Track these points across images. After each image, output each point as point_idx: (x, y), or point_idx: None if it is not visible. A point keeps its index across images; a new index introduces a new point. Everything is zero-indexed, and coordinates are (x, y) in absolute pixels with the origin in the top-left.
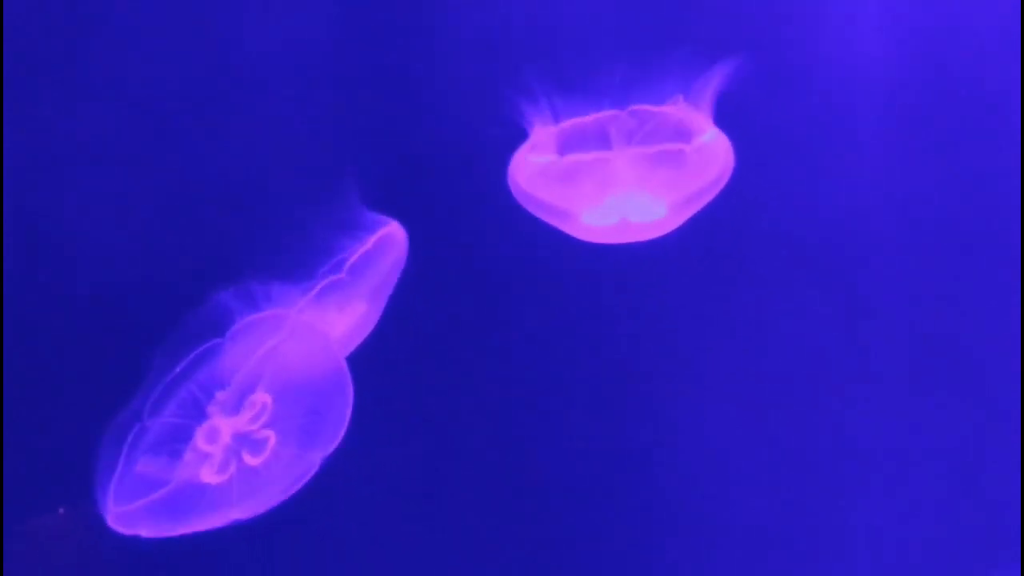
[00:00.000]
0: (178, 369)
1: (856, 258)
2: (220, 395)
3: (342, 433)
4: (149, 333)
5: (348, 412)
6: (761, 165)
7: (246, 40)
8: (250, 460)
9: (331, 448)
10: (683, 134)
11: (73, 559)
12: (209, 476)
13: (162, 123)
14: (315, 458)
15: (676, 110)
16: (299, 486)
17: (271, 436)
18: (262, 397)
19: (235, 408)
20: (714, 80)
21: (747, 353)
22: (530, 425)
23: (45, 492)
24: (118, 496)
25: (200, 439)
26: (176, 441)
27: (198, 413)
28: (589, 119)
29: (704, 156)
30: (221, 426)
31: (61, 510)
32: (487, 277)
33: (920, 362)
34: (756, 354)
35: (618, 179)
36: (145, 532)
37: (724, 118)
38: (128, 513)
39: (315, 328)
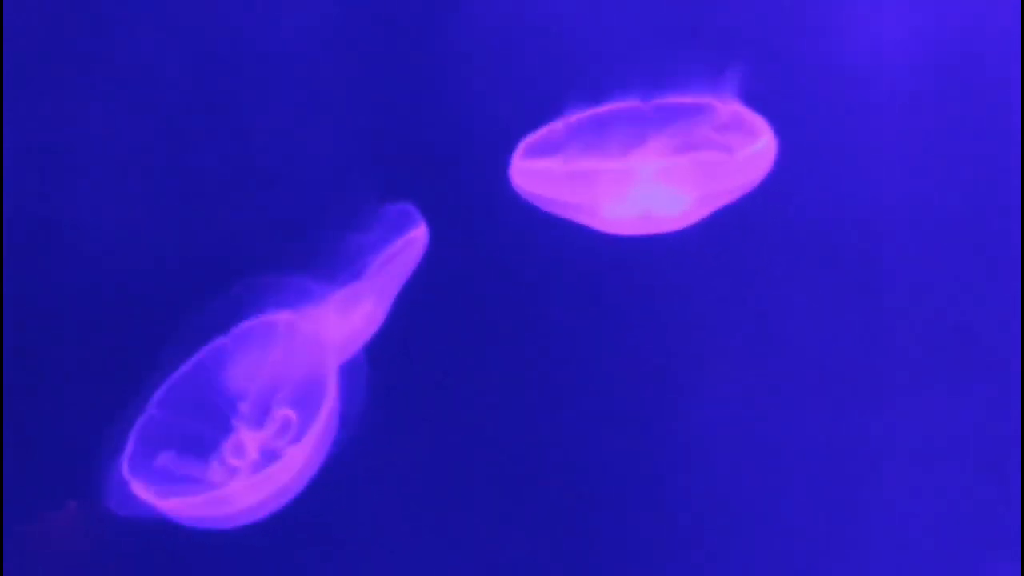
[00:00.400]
0: (192, 367)
1: (881, 256)
2: (243, 407)
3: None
4: (160, 328)
5: (360, 410)
6: (784, 160)
7: (258, 35)
8: (279, 474)
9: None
10: (727, 139)
11: (82, 553)
12: (237, 489)
13: (174, 120)
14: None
15: (717, 110)
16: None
17: (298, 452)
18: (286, 412)
19: (259, 421)
20: (737, 78)
21: (768, 347)
22: (549, 418)
23: (54, 487)
24: (133, 479)
25: (228, 453)
26: (200, 448)
27: (223, 424)
28: (616, 112)
29: (748, 163)
30: (247, 440)
31: (71, 504)
32: (501, 269)
33: (943, 361)
34: (777, 348)
35: (644, 178)
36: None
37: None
38: (144, 502)
39: (326, 333)
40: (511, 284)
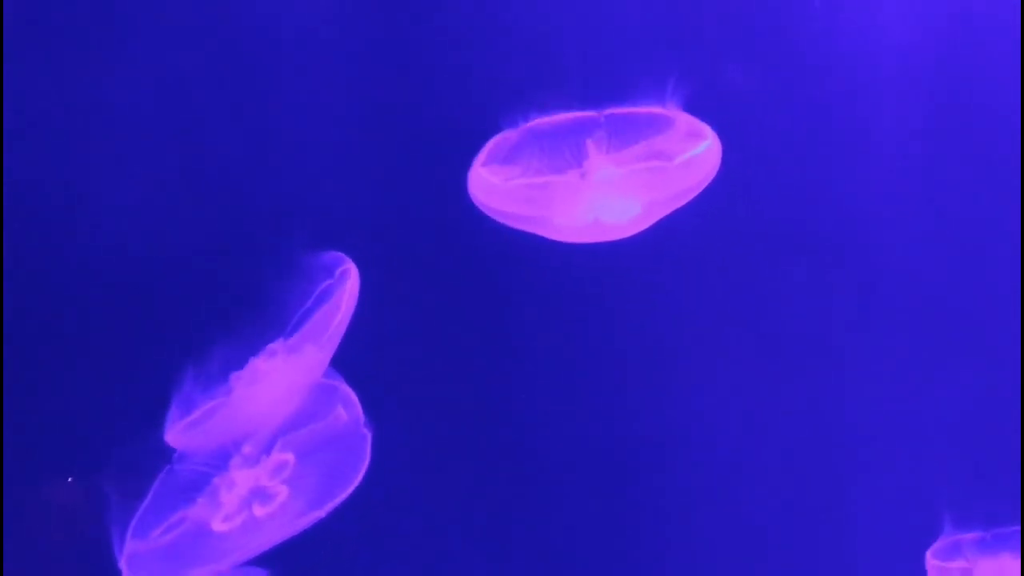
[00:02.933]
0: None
1: (846, 257)
2: (246, 448)
3: (351, 491)
4: (159, 312)
5: (361, 473)
6: (744, 163)
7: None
8: (257, 511)
9: (336, 504)
10: (669, 148)
11: (82, 527)
12: (218, 524)
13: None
14: (320, 513)
15: (662, 116)
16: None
17: (284, 492)
18: (285, 456)
19: (255, 461)
20: (702, 83)
21: (725, 350)
22: (516, 429)
23: (54, 463)
24: (135, 536)
25: (221, 490)
26: (195, 488)
27: (222, 463)
28: (566, 122)
29: (690, 167)
30: (239, 479)
31: (70, 479)
32: (456, 279)
33: (922, 351)
34: (736, 351)
35: (593, 188)
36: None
37: (711, 115)
38: (137, 554)
39: (338, 389)
40: (468, 291)
